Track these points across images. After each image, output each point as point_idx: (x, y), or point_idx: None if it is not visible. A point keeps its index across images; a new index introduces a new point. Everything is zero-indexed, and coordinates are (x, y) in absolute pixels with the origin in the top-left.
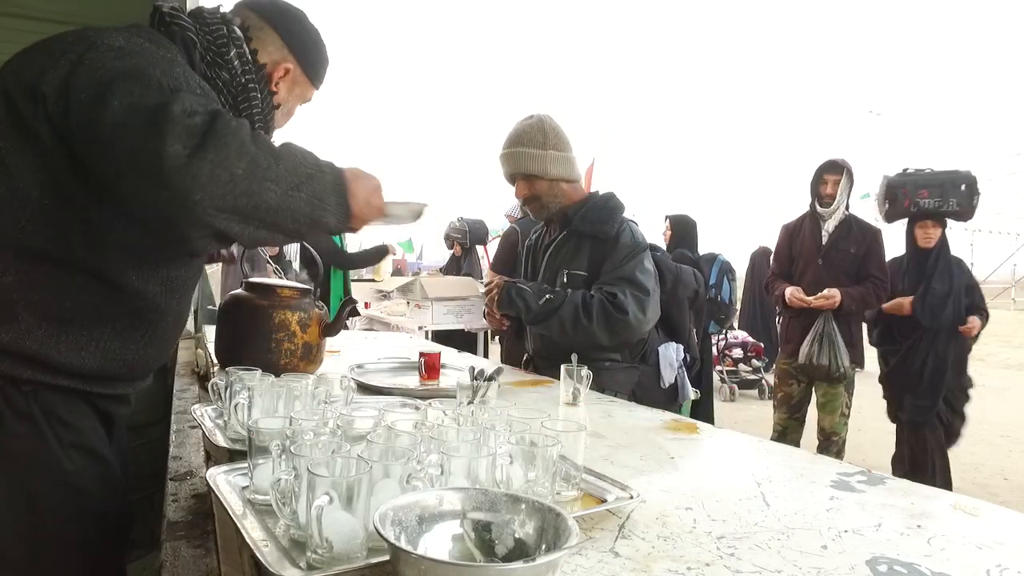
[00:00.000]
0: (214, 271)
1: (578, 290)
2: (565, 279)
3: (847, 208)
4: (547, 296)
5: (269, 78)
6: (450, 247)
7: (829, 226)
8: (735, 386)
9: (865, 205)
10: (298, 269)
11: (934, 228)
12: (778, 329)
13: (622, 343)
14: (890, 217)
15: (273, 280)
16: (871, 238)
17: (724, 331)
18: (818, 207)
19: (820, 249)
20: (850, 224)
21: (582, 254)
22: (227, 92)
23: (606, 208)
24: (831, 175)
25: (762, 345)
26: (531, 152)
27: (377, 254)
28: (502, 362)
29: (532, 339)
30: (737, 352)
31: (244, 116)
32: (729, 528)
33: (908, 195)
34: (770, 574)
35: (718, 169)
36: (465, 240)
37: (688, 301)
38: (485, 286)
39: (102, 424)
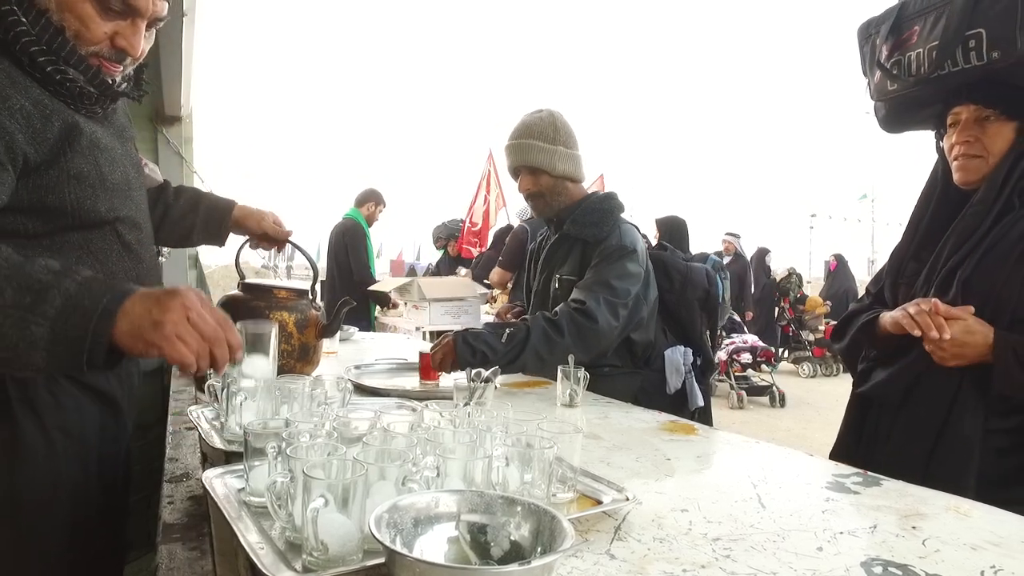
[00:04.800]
0: (211, 270)
1: (536, 313)
2: (557, 284)
3: None
4: (507, 331)
5: None
6: (442, 247)
7: None
8: (743, 392)
9: (862, 206)
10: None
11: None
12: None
13: (600, 353)
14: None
15: (270, 281)
16: None
17: (721, 330)
18: None
19: None
20: None
21: (573, 258)
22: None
23: (599, 210)
24: None
25: (772, 350)
26: (540, 145)
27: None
28: None
29: None
30: (746, 357)
31: (18, 48)
32: (725, 530)
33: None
34: None
35: (713, 168)
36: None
37: (699, 302)
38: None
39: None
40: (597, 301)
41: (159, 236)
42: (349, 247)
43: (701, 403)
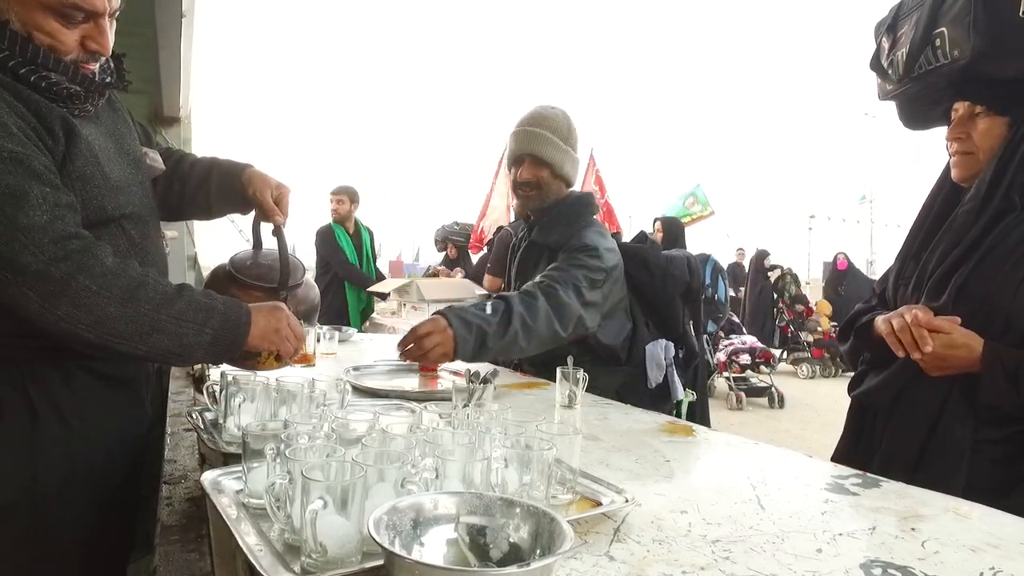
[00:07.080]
0: (209, 269)
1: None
2: None
3: None
4: (490, 303)
5: None
6: (442, 249)
7: None
8: (742, 394)
9: (861, 208)
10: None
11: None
12: None
13: (573, 327)
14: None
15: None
16: None
17: (719, 329)
18: None
19: None
20: None
21: (541, 265)
22: None
23: (567, 215)
24: None
25: (772, 351)
26: (553, 140)
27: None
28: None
29: None
30: (745, 358)
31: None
32: (724, 531)
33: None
34: None
35: (713, 169)
36: (468, 243)
37: (680, 295)
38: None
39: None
40: (553, 278)
41: (183, 213)
42: (320, 251)
43: (681, 395)
